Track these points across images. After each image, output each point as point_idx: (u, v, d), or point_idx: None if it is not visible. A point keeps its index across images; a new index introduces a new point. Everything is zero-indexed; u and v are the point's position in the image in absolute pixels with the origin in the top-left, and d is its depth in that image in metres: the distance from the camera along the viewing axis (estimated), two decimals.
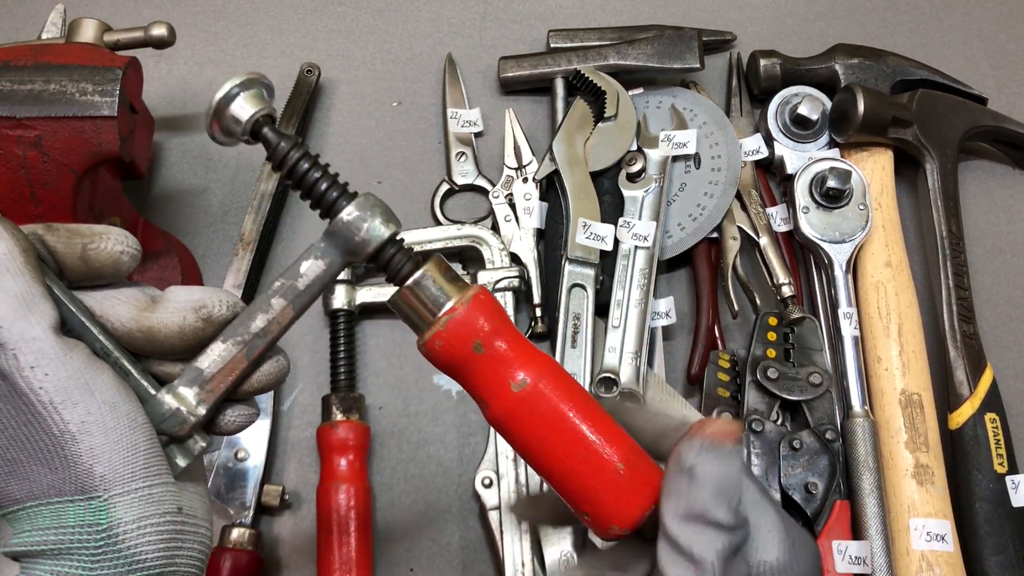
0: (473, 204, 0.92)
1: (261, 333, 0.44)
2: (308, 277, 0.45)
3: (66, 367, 0.39)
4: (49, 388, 0.39)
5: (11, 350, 0.39)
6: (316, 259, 0.45)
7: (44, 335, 0.39)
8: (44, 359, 0.39)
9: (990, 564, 0.76)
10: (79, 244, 0.43)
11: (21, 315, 0.39)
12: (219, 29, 0.99)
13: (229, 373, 0.44)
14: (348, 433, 0.78)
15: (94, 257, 0.43)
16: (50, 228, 0.43)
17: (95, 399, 0.40)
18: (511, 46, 0.99)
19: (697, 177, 0.89)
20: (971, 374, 0.81)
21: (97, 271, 0.43)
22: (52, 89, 0.70)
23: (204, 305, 0.44)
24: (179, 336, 0.43)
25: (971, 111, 0.93)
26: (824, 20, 1.02)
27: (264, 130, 0.45)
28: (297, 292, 0.45)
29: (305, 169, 0.45)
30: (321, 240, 0.45)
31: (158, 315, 0.43)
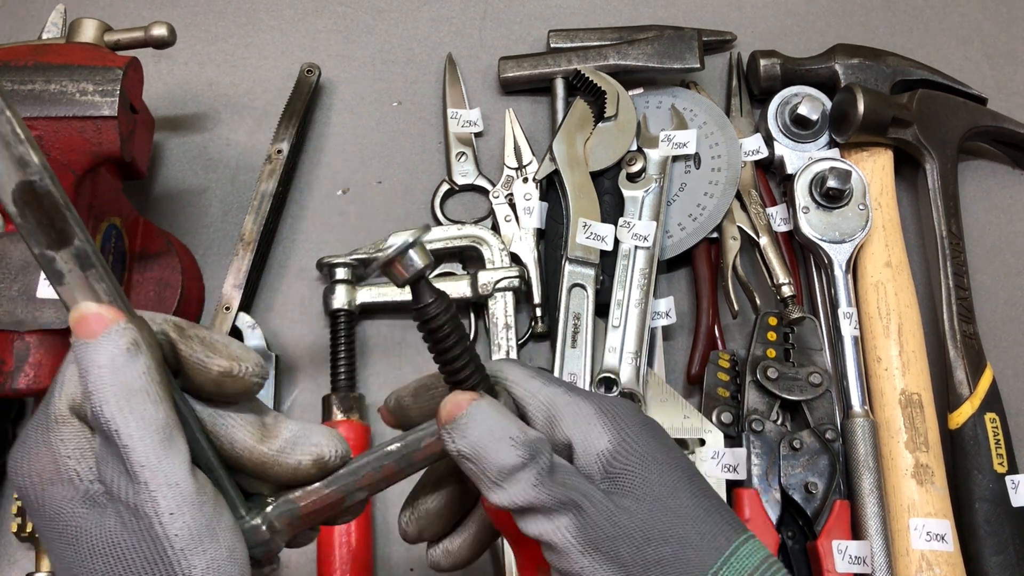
0: (473, 204, 0.92)
1: (364, 489, 0.46)
2: (424, 453, 0.47)
3: (202, 513, 0.39)
4: (183, 536, 0.38)
5: (152, 492, 0.38)
6: (437, 440, 0.46)
7: (184, 479, 0.39)
8: (184, 506, 0.39)
9: (990, 564, 0.76)
10: (216, 368, 0.42)
11: (163, 454, 0.38)
12: (219, 29, 0.99)
13: (321, 514, 0.45)
14: (348, 433, 0.78)
15: (229, 384, 0.43)
16: (183, 333, 0.42)
17: (219, 545, 0.40)
18: (511, 46, 0.99)
19: (697, 177, 0.89)
20: (971, 374, 0.81)
21: (225, 396, 0.43)
22: (52, 89, 0.70)
23: (322, 455, 0.45)
24: (290, 477, 0.44)
25: (971, 111, 0.93)
26: (824, 20, 1.02)
27: (421, 283, 0.45)
28: (410, 463, 0.47)
29: (449, 337, 0.46)
30: None
31: (274, 452, 0.44)
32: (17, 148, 0.38)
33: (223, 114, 0.95)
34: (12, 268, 0.69)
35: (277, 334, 0.86)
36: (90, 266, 0.39)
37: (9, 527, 0.75)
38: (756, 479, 0.77)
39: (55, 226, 0.39)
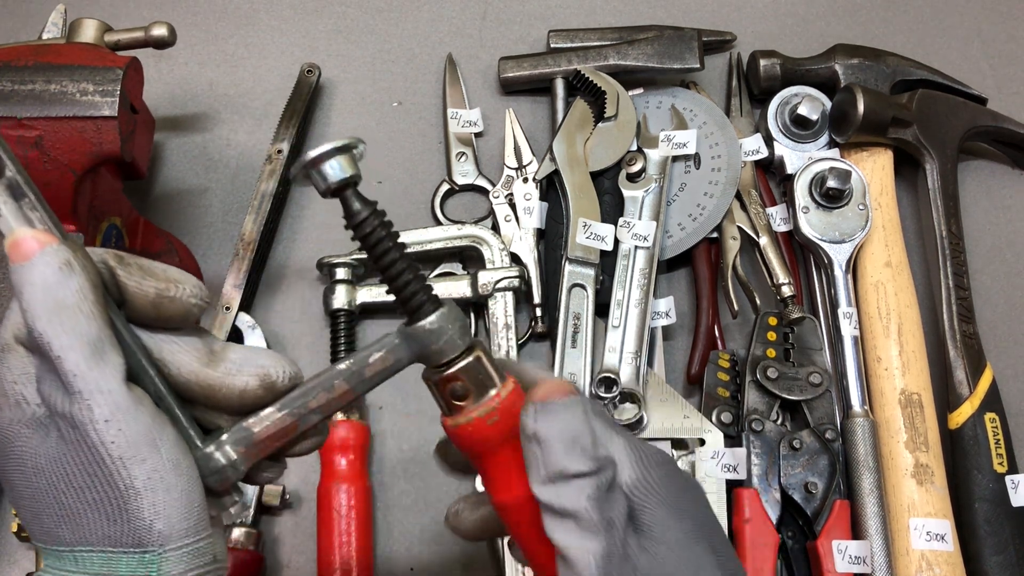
0: (473, 204, 0.92)
1: (317, 410, 0.45)
2: (375, 368, 0.46)
3: (137, 422, 0.39)
4: (121, 443, 0.38)
5: (86, 400, 0.38)
6: (387, 353, 0.45)
7: (117, 388, 0.39)
8: (118, 413, 0.39)
9: (990, 564, 0.76)
10: (152, 288, 0.42)
11: (94, 364, 0.38)
12: (219, 29, 0.99)
13: (277, 439, 0.44)
14: (348, 433, 0.78)
15: (167, 306, 0.42)
16: (122, 261, 0.42)
17: (161, 456, 0.39)
18: (511, 46, 0.99)
19: (697, 177, 0.89)
20: (971, 374, 0.81)
21: (165, 319, 0.43)
22: (53, 89, 0.70)
23: (268, 375, 0.44)
24: (238, 399, 0.44)
25: (971, 111, 0.93)
26: (824, 20, 1.02)
27: (348, 194, 0.45)
28: (361, 379, 0.46)
29: (389, 255, 0.45)
30: (396, 336, 0.45)
31: (220, 374, 0.43)
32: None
33: (223, 114, 0.95)
34: None
35: (277, 334, 0.86)
36: (22, 196, 0.41)
37: (9, 527, 0.75)
38: (756, 479, 0.77)
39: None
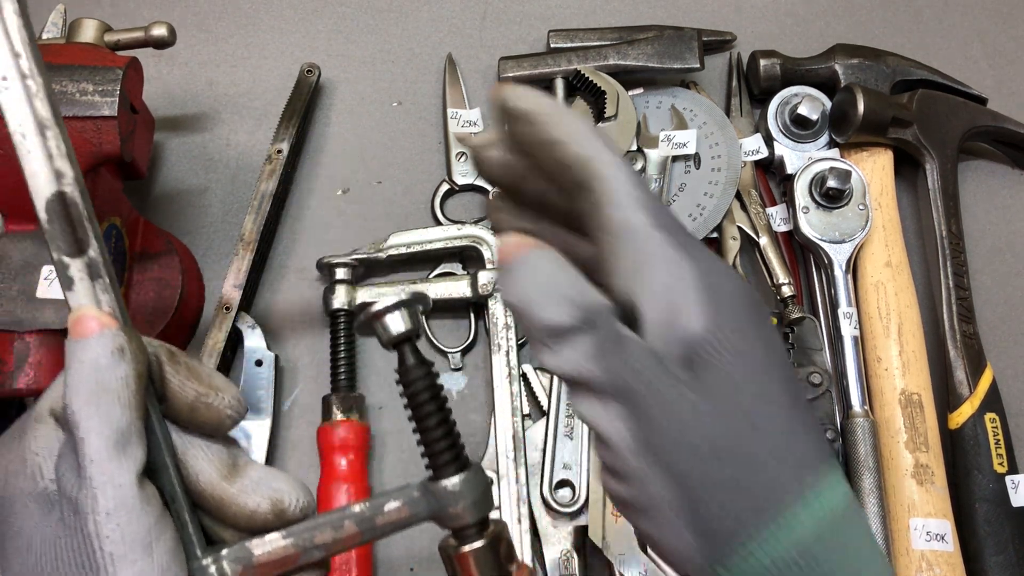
0: (473, 204, 0.92)
1: (321, 547, 0.44)
2: (389, 518, 0.45)
3: (138, 522, 0.38)
4: (115, 539, 0.38)
5: (94, 489, 0.38)
6: (403, 504, 0.44)
7: (129, 484, 0.38)
8: (121, 508, 0.38)
9: (990, 564, 0.76)
10: (192, 391, 0.42)
11: (114, 454, 0.38)
12: (219, 29, 0.99)
13: (276, 567, 0.44)
14: (348, 433, 0.78)
15: (202, 412, 0.42)
16: (172, 357, 0.42)
17: (152, 561, 0.39)
18: (511, 46, 0.99)
19: (697, 177, 0.89)
20: (971, 374, 0.81)
21: (199, 423, 0.43)
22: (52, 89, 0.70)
23: (280, 500, 0.43)
24: (247, 519, 0.43)
25: (971, 111, 0.93)
26: (824, 20, 1.02)
27: (404, 348, 0.44)
28: (372, 526, 0.45)
29: (425, 410, 0.44)
30: (416, 489, 0.44)
31: (235, 491, 0.43)
32: (57, 162, 0.41)
33: (223, 114, 0.95)
34: (12, 268, 0.69)
35: (277, 334, 0.86)
36: (99, 276, 0.42)
37: None
38: None
39: (76, 235, 0.41)
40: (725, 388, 0.37)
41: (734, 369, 0.37)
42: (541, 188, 0.46)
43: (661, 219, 0.40)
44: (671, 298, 0.38)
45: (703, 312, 0.37)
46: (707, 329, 0.37)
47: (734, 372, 0.37)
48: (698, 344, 0.37)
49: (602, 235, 0.41)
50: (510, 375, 0.81)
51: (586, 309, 0.39)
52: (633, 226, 0.39)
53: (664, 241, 0.39)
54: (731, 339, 0.37)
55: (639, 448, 0.37)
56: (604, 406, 0.38)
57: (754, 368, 0.38)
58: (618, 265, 0.40)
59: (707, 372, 0.37)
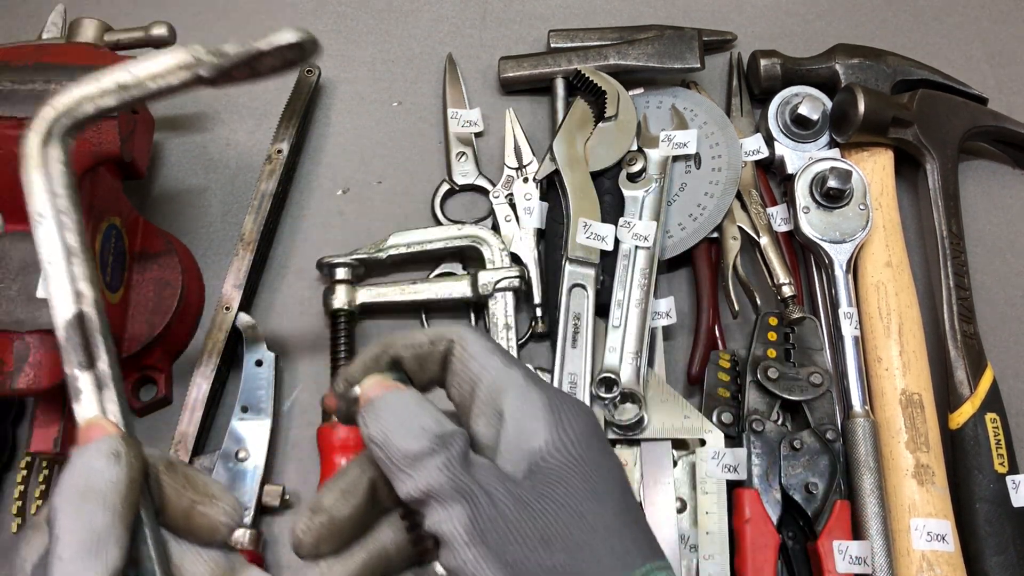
0: (473, 204, 0.92)
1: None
2: None
3: None
4: None
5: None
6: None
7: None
8: None
9: (990, 564, 0.76)
10: (188, 499, 0.43)
11: (85, 556, 0.38)
12: (219, 29, 0.99)
13: None
14: (348, 433, 0.78)
15: (196, 519, 0.43)
16: (171, 467, 0.44)
17: None
18: (511, 46, 0.99)
19: (697, 177, 0.89)
20: (971, 374, 0.81)
21: (194, 531, 0.44)
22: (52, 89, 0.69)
23: None
24: None
25: (971, 111, 0.93)
26: (824, 20, 1.02)
27: None
28: None
29: None
30: None
31: None
32: (79, 284, 0.46)
33: (223, 114, 0.95)
34: (12, 268, 0.69)
35: (277, 334, 0.86)
36: (106, 388, 0.45)
37: (9, 527, 0.75)
38: (756, 479, 0.77)
39: (88, 349, 0.45)
40: (558, 488, 0.41)
41: (569, 473, 0.42)
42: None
43: (512, 360, 0.46)
44: (521, 419, 0.43)
45: (546, 428, 0.43)
46: (547, 442, 0.42)
47: (568, 475, 0.42)
48: (539, 455, 0.42)
49: (462, 383, 0.46)
50: None
51: (440, 434, 0.42)
52: (490, 367, 0.45)
53: (517, 376, 0.45)
54: (569, 450, 0.42)
55: (470, 538, 0.40)
56: (444, 508, 0.41)
57: (587, 473, 0.42)
58: (476, 402, 0.45)
59: (543, 475, 0.42)
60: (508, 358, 0.46)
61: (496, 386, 0.45)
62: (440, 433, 0.42)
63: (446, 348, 0.46)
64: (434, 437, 0.42)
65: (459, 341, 0.46)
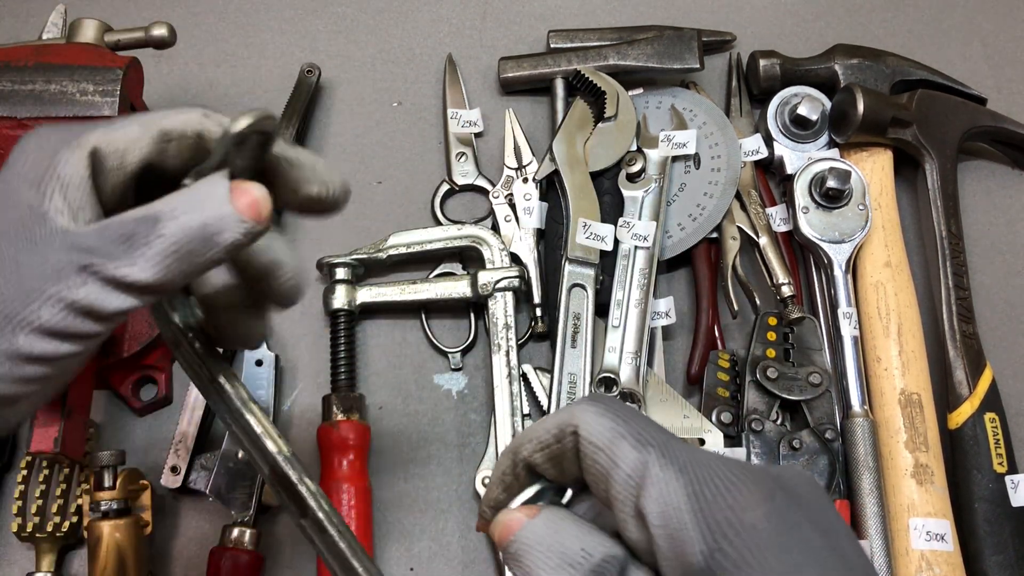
0: (473, 204, 0.92)
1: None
2: None
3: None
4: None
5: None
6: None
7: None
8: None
9: (990, 564, 0.76)
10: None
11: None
12: (219, 29, 0.99)
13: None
14: (348, 433, 0.78)
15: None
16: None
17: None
18: (511, 46, 0.99)
19: (697, 177, 0.89)
20: (971, 374, 0.82)
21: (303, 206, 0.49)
22: (52, 89, 0.70)
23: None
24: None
25: (971, 111, 0.93)
26: (824, 20, 1.02)
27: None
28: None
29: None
30: None
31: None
32: (263, 442, 0.50)
33: (223, 114, 0.95)
34: None
35: (277, 334, 0.86)
36: (325, 531, 0.50)
37: (9, 527, 0.75)
38: None
39: (296, 499, 0.50)
40: None
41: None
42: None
43: (646, 436, 0.37)
44: (666, 525, 0.35)
45: (698, 534, 0.34)
46: (704, 553, 0.34)
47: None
48: (698, 571, 0.34)
49: (597, 483, 0.38)
50: (510, 375, 0.81)
51: (591, 568, 0.36)
52: (620, 457, 0.37)
53: (652, 461, 0.36)
54: (743, 555, 0.34)
55: None
56: None
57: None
58: (617, 504, 0.37)
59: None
60: (640, 436, 0.37)
61: (630, 483, 0.36)
62: (590, 567, 0.36)
63: (574, 442, 0.39)
64: (596, 565, 0.36)
65: (581, 429, 0.38)
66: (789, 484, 0.36)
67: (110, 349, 0.76)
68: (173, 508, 0.80)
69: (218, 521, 0.78)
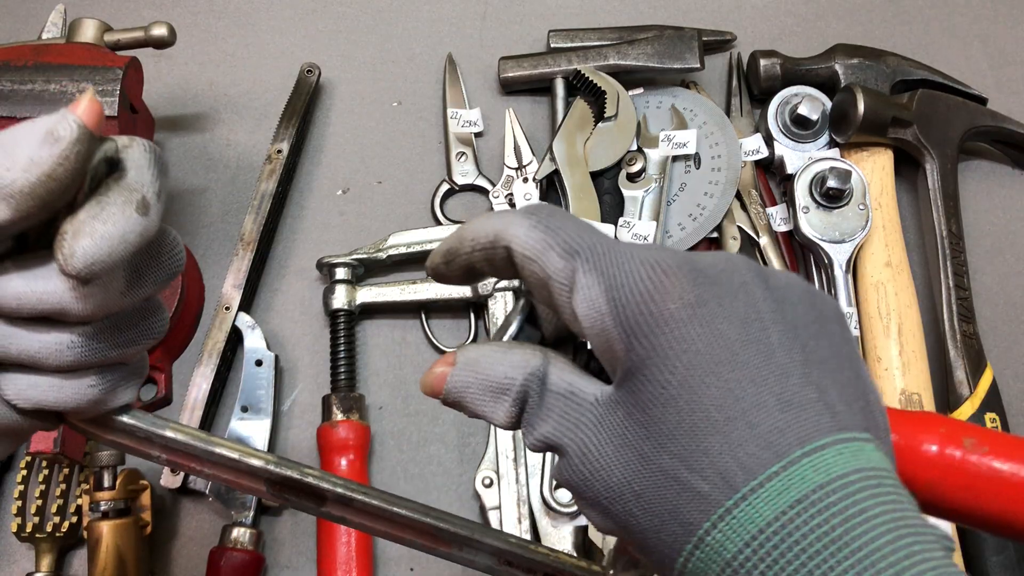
0: (473, 204, 0.92)
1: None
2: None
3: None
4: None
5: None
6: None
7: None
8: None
9: (990, 564, 0.76)
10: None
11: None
12: (219, 29, 0.99)
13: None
14: (348, 433, 0.78)
15: None
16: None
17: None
18: (511, 46, 0.99)
19: (697, 177, 0.89)
20: (971, 374, 0.82)
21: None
22: (52, 89, 0.70)
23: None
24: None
25: (971, 111, 0.93)
26: (824, 20, 1.02)
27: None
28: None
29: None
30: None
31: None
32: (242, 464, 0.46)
33: (223, 114, 0.95)
34: None
35: (277, 334, 0.86)
36: (351, 500, 0.46)
37: (9, 527, 0.75)
38: None
39: (308, 493, 0.46)
40: (658, 382, 0.35)
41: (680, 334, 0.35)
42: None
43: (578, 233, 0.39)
44: (588, 311, 0.37)
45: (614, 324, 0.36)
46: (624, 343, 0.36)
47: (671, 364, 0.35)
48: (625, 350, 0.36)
49: (539, 291, 0.40)
50: None
51: (517, 394, 0.39)
52: (550, 266, 0.38)
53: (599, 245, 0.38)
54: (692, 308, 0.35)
55: (566, 486, 0.38)
56: (544, 444, 0.38)
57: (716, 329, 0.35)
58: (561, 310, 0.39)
59: (638, 377, 0.36)
60: (567, 245, 0.38)
61: (564, 290, 0.38)
62: (519, 386, 0.39)
63: (506, 254, 0.40)
64: (514, 400, 0.39)
65: (513, 243, 0.39)
66: (709, 271, 0.36)
67: None
68: (173, 508, 0.80)
69: (218, 521, 0.78)
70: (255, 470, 0.46)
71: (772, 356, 0.34)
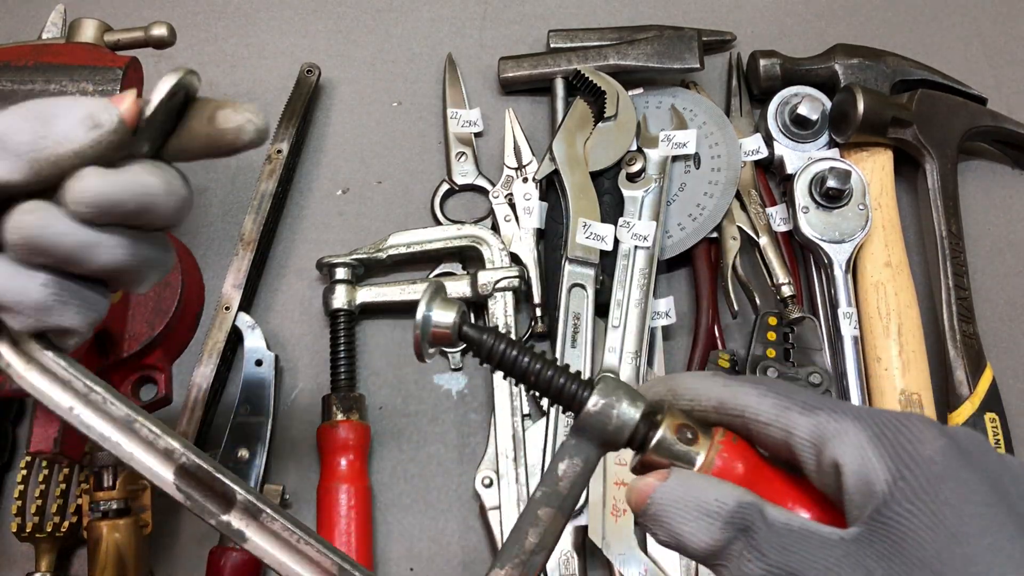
0: (473, 204, 0.92)
1: (537, 549, 0.44)
2: (568, 479, 0.44)
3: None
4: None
5: None
6: (571, 459, 0.44)
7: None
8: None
9: None
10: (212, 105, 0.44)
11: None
12: (219, 29, 0.99)
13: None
14: (348, 433, 0.78)
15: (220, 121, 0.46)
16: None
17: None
18: (511, 46, 0.99)
19: (697, 177, 0.89)
20: (971, 374, 0.82)
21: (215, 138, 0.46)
22: (52, 89, 0.70)
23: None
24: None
25: (971, 111, 0.93)
26: (824, 20, 1.02)
27: (464, 333, 0.45)
28: (561, 497, 0.44)
29: (526, 364, 0.44)
30: (571, 437, 0.43)
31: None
32: (159, 443, 0.44)
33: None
34: None
35: (277, 334, 0.86)
36: (259, 512, 0.44)
37: (9, 527, 0.75)
38: None
39: (216, 492, 0.43)
40: (905, 538, 0.36)
41: (912, 517, 0.37)
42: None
43: (810, 402, 0.41)
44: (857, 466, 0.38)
45: (883, 467, 0.38)
46: (888, 482, 0.37)
47: (913, 520, 0.36)
48: (880, 499, 0.37)
49: (776, 450, 0.42)
50: None
51: (730, 518, 0.39)
52: (795, 425, 0.41)
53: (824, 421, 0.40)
54: (914, 489, 0.37)
55: None
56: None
57: (937, 512, 0.36)
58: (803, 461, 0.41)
59: (883, 526, 0.37)
60: (806, 404, 0.41)
61: (807, 445, 0.40)
62: (727, 512, 0.39)
63: (739, 421, 0.42)
64: (725, 524, 0.39)
65: (747, 412, 0.42)
66: (950, 429, 0.39)
67: (110, 349, 0.76)
68: (173, 508, 0.80)
69: None
70: (171, 451, 0.44)
71: (1012, 506, 0.37)
